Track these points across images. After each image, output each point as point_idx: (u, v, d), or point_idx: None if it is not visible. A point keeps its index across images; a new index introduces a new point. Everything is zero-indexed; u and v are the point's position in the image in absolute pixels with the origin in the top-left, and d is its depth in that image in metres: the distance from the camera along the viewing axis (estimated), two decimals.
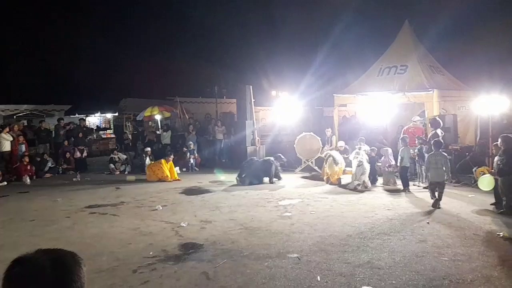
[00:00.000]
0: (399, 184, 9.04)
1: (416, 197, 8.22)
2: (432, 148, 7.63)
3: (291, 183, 10.15)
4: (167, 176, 10.91)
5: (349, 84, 13.00)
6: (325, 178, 10.04)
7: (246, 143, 13.23)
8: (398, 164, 8.86)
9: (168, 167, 11.10)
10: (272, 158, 10.62)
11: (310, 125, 16.33)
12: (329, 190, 9.16)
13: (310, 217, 6.67)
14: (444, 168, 7.18)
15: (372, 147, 10.13)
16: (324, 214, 6.81)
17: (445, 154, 7.51)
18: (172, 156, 11.38)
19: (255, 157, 11.34)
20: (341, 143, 11.34)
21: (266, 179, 10.34)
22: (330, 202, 7.79)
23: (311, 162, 11.84)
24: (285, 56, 25.78)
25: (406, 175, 8.87)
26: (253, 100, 13.81)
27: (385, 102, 11.41)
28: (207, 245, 5.33)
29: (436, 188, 7.18)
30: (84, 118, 19.39)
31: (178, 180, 10.96)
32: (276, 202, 7.93)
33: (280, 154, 11.11)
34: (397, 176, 9.34)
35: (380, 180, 9.71)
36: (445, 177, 7.25)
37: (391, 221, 6.30)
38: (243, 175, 10.12)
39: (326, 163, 10.02)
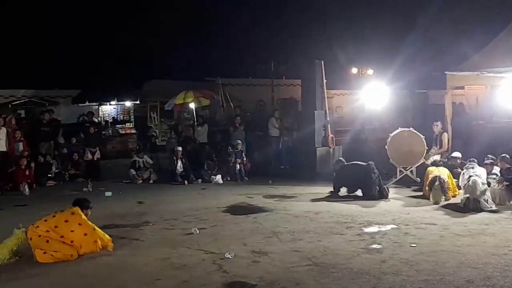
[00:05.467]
0: None
1: None
2: None
3: (380, 202, 9.92)
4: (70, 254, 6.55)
5: (470, 56, 12.49)
6: (431, 201, 9.77)
7: (315, 142, 13.17)
8: None
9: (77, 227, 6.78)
10: (372, 162, 10.61)
11: (409, 117, 15.91)
12: (437, 213, 8.82)
13: (409, 251, 6.47)
14: None
15: (503, 154, 9.67)
16: (431, 248, 6.58)
17: None
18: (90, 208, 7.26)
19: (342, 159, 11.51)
20: (457, 154, 10.91)
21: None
22: (440, 231, 7.50)
23: (411, 171, 11.52)
24: (371, 17, 25.26)
25: None
26: (325, 81, 13.72)
27: None
28: (262, 286, 5.36)
29: None
30: (97, 107, 20.46)
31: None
32: (359, 228, 7.80)
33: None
34: None
35: None
36: None
37: None
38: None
39: (430, 185, 9.71)
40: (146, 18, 29.43)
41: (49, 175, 13.42)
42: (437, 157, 11.47)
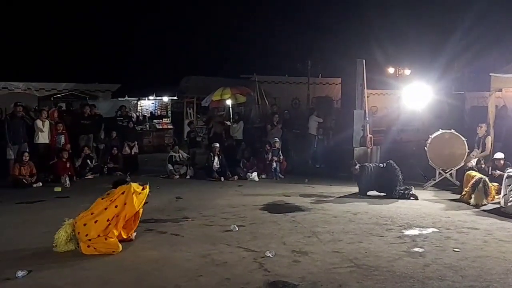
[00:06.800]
0: None
1: None
2: None
3: (419, 204, 9.77)
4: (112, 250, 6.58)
5: None
6: (472, 203, 9.51)
7: (353, 142, 13.03)
8: None
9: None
10: (392, 162, 10.44)
11: (445, 118, 15.57)
12: (478, 217, 8.62)
13: (453, 256, 6.34)
14: None
15: None
16: (475, 254, 6.43)
17: None
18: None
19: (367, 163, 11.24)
20: (500, 155, 10.61)
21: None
22: (483, 235, 7.33)
23: (450, 174, 11.29)
24: (411, 16, 24.79)
25: None
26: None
27: None
28: (304, 287, 5.33)
29: None
30: (135, 101, 20.66)
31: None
32: (399, 230, 7.68)
33: None
34: None
35: None
36: None
37: None
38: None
39: (473, 187, 9.47)
40: (184, 16, 29.71)
41: (88, 168, 13.64)
42: (474, 162, 11.17)
